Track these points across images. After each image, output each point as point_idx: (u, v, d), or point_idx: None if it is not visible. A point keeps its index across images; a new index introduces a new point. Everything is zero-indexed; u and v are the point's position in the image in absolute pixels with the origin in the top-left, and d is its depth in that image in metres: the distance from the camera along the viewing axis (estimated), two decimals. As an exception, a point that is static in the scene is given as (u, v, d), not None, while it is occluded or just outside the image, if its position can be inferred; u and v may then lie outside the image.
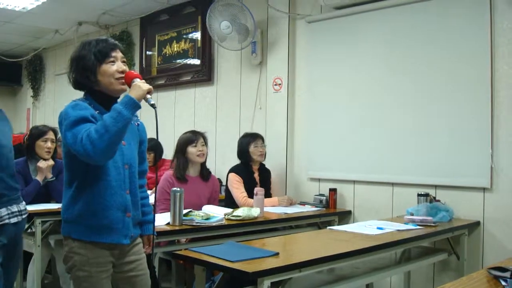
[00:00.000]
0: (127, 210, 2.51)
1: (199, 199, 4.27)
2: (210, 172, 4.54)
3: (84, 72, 2.46)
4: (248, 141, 4.74)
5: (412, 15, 4.26)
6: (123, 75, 2.46)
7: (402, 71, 4.31)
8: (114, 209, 2.45)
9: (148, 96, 2.38)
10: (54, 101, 9.01)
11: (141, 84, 2.37)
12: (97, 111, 2.44)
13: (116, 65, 2.47)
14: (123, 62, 2.52)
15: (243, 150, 4.75)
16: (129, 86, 2.43)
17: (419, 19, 4.22)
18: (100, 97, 2.49)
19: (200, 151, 4.34)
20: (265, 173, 4.86)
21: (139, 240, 2.67)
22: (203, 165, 4.44)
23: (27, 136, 4.61)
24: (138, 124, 2.69)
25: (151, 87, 2.39)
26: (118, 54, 2.50)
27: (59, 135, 5.13)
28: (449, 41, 4.03)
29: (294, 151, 5.14)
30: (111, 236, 2.46)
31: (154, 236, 2.76)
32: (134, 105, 2.30)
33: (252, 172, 4.74)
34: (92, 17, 7.10)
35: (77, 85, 2.55)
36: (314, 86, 4.96)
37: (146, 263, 2.67)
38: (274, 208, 4.46)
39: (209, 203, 4.35)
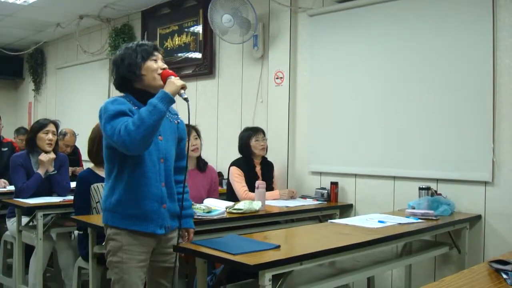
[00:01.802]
0: (163, 202, 2.65)
1: (198, 191, 4.26)
2: (206, 163, 4.54)
3: (129, 67, 2.63)
4: (249, 135, 4.73)
5: (413, 10, 4.25)
6: None
7: (404, 65, 4.31)
8: (150, 199, 2.60)
9: (182, 91, 2.55)
10: (55, 94, 9.00)
11: (175, 81, 2.55)
12: (136, 107, 2.59)
13: (159, 63, 2.66)
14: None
15: (244, 145, 4.74)
16: (165, 83, 2.58)
17: (421, 13, 4.20)
18: (139, 94, 2.64)
19: (193, 145, 4.31)
20: (267, 167, 4.85)
21: (176, 232, 2.78)
22: (198, 157, 4.43)
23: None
24: (178, 122, 2.83)
25: (184, 83, 2.57)
26: (159, 54, 2.70)
27: (61, 129, 5.17)
28: (452, 35, 4.02)
29: (295, 145, 5.13)
30: (146, 226, 2.60)
31: (193, 230, 2.89)
32: (168, 100, 2.47)
33: (254, 166, 4.74)
34: (93, 11, 7.09)
35: (120, 83, 2.71)
36: (316, 80, 4.96)
37: (178, 256, 2.79)
38: (275, 202, 4.46)
39: (209, 194, 4.35)
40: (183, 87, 2.55)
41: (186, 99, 2.55)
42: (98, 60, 7.72)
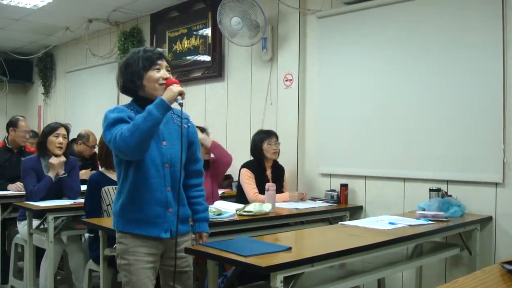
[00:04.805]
0: (169, 206, 2.66)
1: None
2: (209, 163, 4.62)
3: (131, 76, 2.65)
4: (261, 138, 4.73)
5: (422, 11, 4.24)
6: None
7: (413, 66, 4.30)
8: (154, 204, 2.62)
9: (179, 97, 2.55)
10: (65, 98, 9.04)
11: (173, 87, 2.57)
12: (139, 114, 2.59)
13: (161, 72, 2.65)
14: (168, 70, 2.70)
15: (256, 147, 4.74)
16: None
17: (430, 15, 4.20)
18: (144, 102, 2.63)
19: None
20: (278, 170, 4.84)
21: (187, 237, 2.81)
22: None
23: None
24: (188, 126, 2.83)
25: (182, 90, 2.57)
26: (163, 63, 2.69)
27: (78, 132, 5.19)
28: (462, 36, 4.01)
29: (305, 147, 5.13)
30: (149, 230, 2.62)
31: (207, 234, 2.89)
32: (164, 106, 2.49)
33: (265, 169, 4.74)
34: (102, 14, 7.12)
35: (124, 90, 2.74)
36: (325, 82, 4.95)
37: (191, 260, 2.82)
38: (285, 204, 4.47)
39: (213, 186, 4.40)
40: (181, 94, 2.55)
41: (180, 104, 2.57)
42: (107, 64, 7.74)
